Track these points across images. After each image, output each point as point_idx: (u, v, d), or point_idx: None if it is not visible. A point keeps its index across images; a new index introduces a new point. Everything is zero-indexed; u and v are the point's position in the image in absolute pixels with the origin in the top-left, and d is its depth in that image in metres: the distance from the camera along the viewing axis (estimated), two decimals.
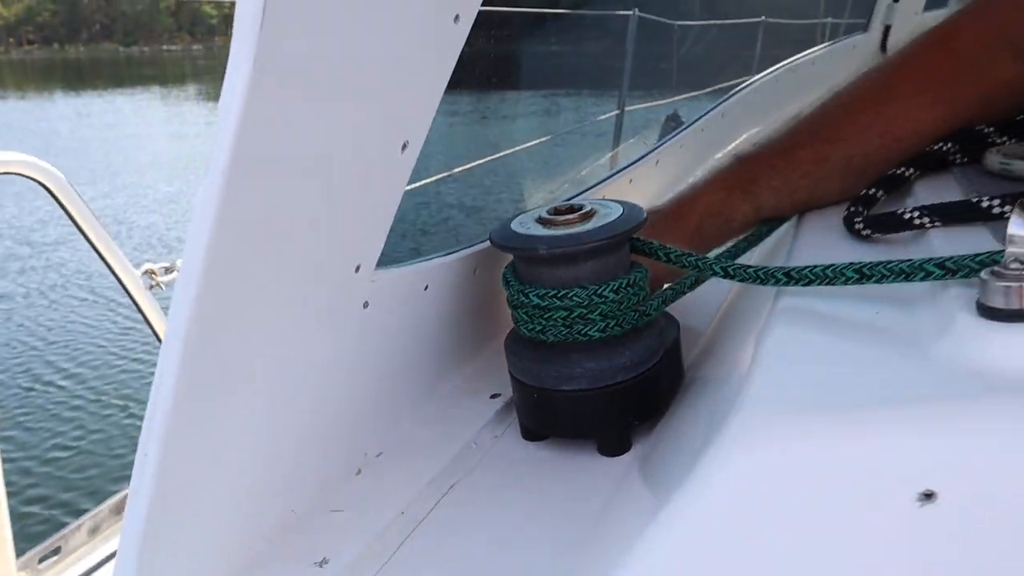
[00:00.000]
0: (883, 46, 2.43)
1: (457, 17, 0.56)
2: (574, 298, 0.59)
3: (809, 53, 2.20)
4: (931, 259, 0.48)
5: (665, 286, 0.68)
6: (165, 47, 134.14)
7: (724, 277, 0.62)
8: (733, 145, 1.61)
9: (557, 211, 0.63)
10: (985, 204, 0.61)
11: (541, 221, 0.63)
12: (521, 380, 0.64)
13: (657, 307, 0.65)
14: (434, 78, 0.57)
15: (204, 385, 0.45)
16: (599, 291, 0.60)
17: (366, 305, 0.58)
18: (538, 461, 0.63)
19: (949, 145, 0.86)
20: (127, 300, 1.44)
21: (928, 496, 0.35)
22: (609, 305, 0.60)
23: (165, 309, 1.50)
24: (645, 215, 0.63)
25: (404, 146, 0.55)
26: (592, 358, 0.60)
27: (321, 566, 0.52)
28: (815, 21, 3.19)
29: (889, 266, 0.50)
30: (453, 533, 0.55)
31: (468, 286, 0.72)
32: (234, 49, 0.40)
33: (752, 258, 0.85)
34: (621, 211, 0.63)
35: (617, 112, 3.18)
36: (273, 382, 0.52)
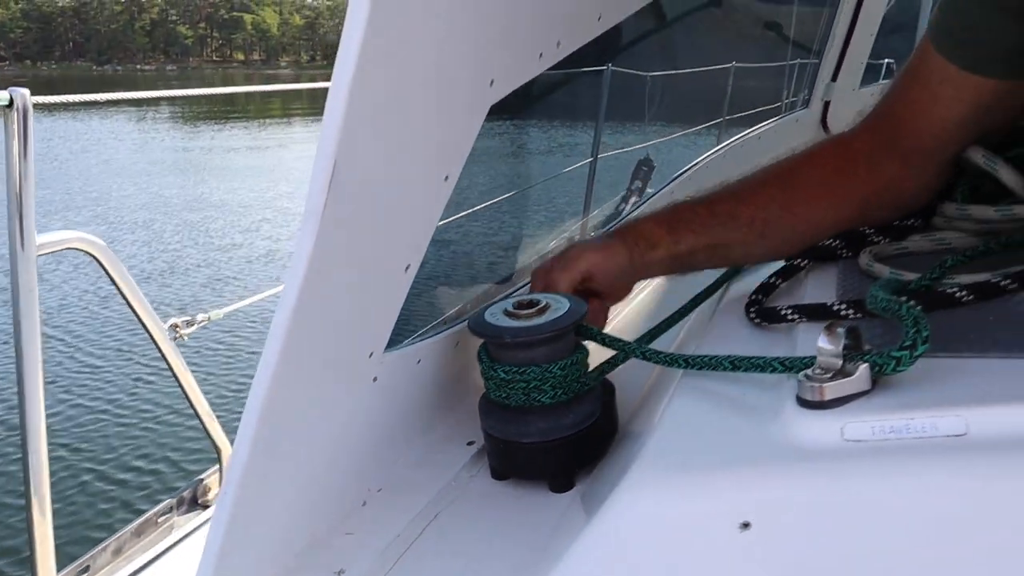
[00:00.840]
0: (823, 120, 2.68)
1: (493, 82, 0.76)
2: (530, 374, 0.80)
3: (755, 129, 2.44)
4: (777, 358, 0.70)
5: (601, 361, 0.89)
6: (139, 66, 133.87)
7: (643, 359, 0.83)
8: None
9: (519, 305, 0.84)
10: (835, 307, 0.83)
11: (507, 313, 0.84)
12: (490, 433, 0.84)
13: (595, 379, 0.86)
14: (440, 192, 0.78)
15: (268, 439, 0.66)
16: (550, 368, 0.81)
17: (375, 380, 0.79)
18: (503, 496, 0.83)
19: (837, 241, 1.08)
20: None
21: (746, 526, 0.56)
22: (557, 379, 0.81)
23: (185, 357, 1.73)
24: (586, 309, 0.84)
25: (407, 268, 0.76)
26: (544, 419, 0.81)
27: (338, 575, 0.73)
28: (782, 63, 3.38)
29: (751, 360, 0.72)
30: (438, 553, 0.75)
31: (451, 359, 0.93)
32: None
33: (680, 333, 1.07)
34: (568, 306, 0.84)
35: (591, 159, 3.40)
36: (308, 436, 0.72)
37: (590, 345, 0.88)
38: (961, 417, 0.58)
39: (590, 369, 0.87)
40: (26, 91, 1.23)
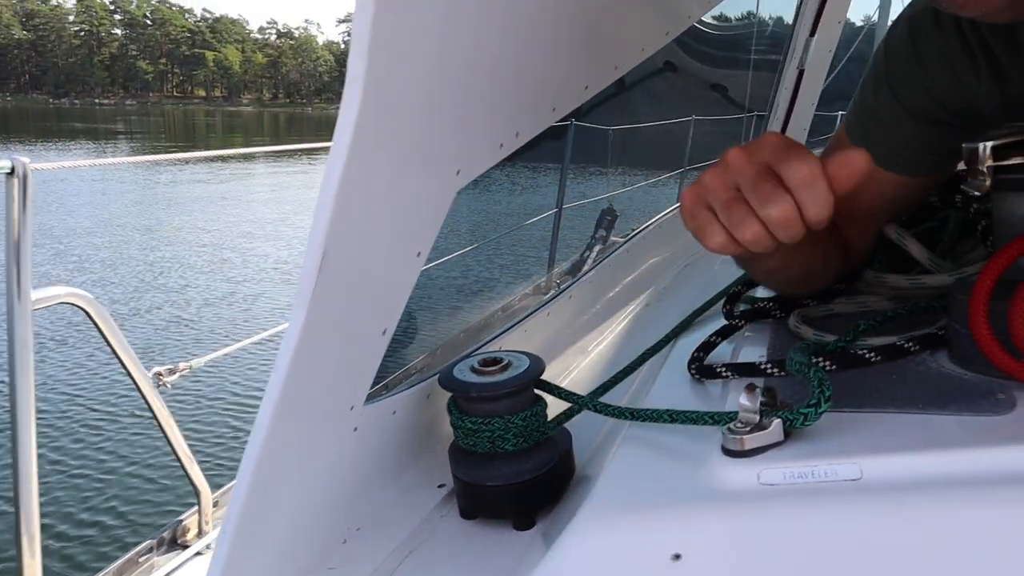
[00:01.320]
0: None
1: (459, 172, 0.88)
2: (495, 424, 0.91)
3: None
4: (708, 412, 0.82)
5: (559, 412, 1.01)
6: (97, 100, 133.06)
7: (594, 411, 0.95)
8: (636, 275, 1.98)
9: (484, 363, 0.95)
10: (762, 366, 0.96)
11: (474, 370, 0.94)
12: (459, 477, 0.95)
13: (553, 428, 0.97)
14: (414, 266, 0.89)
15: (263, 482, 0.75)
16: (512, 420, 0.91)
17: (356, 429, 0.90)
18: (471, 534, 0.93)
19: (772, 303, 1.21)
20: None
21: (677, 557, 0.67)
22: (519, 429, 0.92)
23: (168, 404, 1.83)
24: (543, 366, 0.96)
25: (384, 332, 0.87)
26: (507, 464, 0.92)
27: None
28: (740, 115, 3.51)
29: (686, 413, 0.84)
30: None
31: (423, 410, 1.04)
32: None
33: (632, 385, 1.18)
34: (528, 363, 0.95)
35: (556, 210, 3.53)
36: (297, 479, 0.82)
37: (549, 397, 0.99)
38: (856, 464, 0.70)
39: (549, 419, 0.98)
40: (27, 159, 1.33)
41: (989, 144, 0.84)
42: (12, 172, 1.32)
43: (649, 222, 2.20)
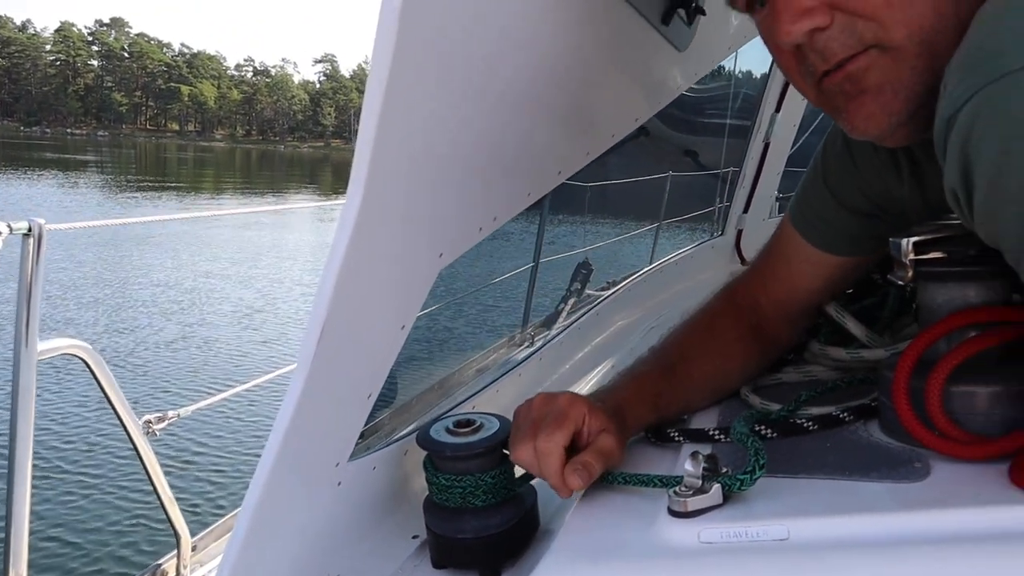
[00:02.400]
0: (737, 247, 3.02)
1: (441, 254, 0.99)
2: (466, 481, 1.01)
3: (676, 255, 2.73)
4: (658, 475, 0.92)
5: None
6: (69, 130, 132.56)
7: None
8: (604, 336, 2.09)
9: (458, 424, 1.05)
10: (711, 432, 1.06)
11: (448, 431, 1.04)
12: (432, 529, 1.04)
13: (520, 485, 1.07)
14: (398, 337, 0.99)
15: (258, 530, 0.84)
16: (482, 477, 1.01)
17: (339, 484, 0.99)
18: None
19: None
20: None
21: None
22: (488, 486, 1.01)
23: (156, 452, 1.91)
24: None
25: (369, 396, 0.97)
26: (476, 518, 1.01)
27: None
28: (717, 171, 3.59)
29: (639, 476, 0.94)
30: None
31: (401, 466, 1.14)
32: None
33: None
34: (498, 425, 1.05)
35: (532, 264, 3.62)
36: (287, 528, 0.91)
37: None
38: (785, 526, 0.81)
39: (517, 477, 1.07)
40: (42, 220, 1.43)
41: (911, 240, 0.96)
42: (29, 232, 1.43)
43: (617, 287, 2.32)
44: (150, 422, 1.92)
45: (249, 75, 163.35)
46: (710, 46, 1.72)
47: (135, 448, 1.88)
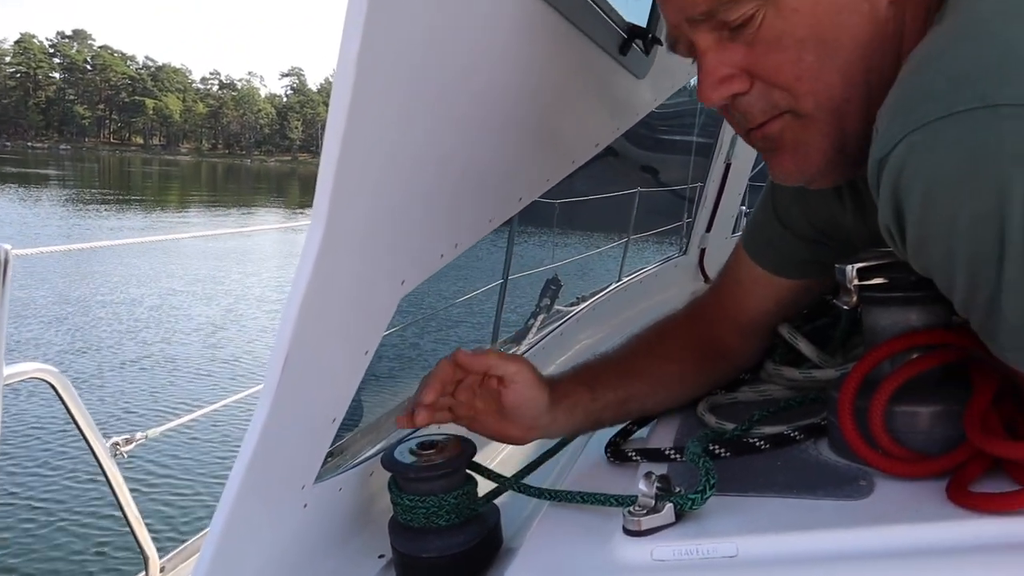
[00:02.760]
0: (700, 265, 3.08)
1: (403, 281, 1.02)
2: (430, 502, 1.04)
3: (639, 273, 2.78)
4: (613, 495, 0.96)
5: (488, 491, 1.13)
6: (30, 144, 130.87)
7: (517, 492, 1.08)
8: (568, 355, 2.13)
9: (422, 446, 1.08)
10: (667, 451, 1.10)
11: (412, 452, 1.07)
12: (397, 548, 1.07)
13: (482, 505, 1.10)
14: (362, 362, 1.02)
15: (225, 552, 0.87)
16: (445, 498, 1.04)
17: (306, 506, 1.01)
18: None
19: None
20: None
21: None
22: (451, 506, 1.04)
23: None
24: (475, 450, 1.09)
25: (333, 420, 1.00)
26: (440, 538, 1.04)
27: None
28: (684, 187, 3.66)
29: (595, 495, 0.98)
30: None
31: (366, 486, 1.16)
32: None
33: (556, 466, 1.31)
34: (461, 447, 1.08)
35: (501, 281, 3.65)
36: (255, 549, 0.94)
37: (479, 477, 1.12)
38: (734, 543, 0.85)
39: (480, 497, 1.10)
40: (8, 246, 1.44)
41: (855, 266, 1.01)
42: None
43: (581, 306, 2.36)
44: (117, 444, 1.93)
45: (215, 88, 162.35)
46: (669, 73, 1.77)
47: (102, 470, 1.89)
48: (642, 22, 1.40)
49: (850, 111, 0.88)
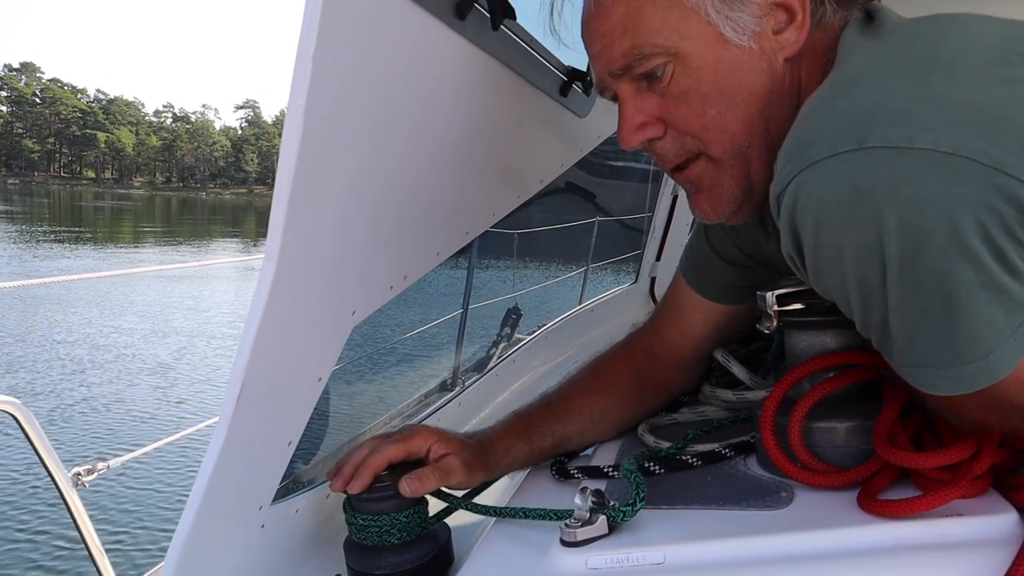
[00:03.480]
0: (652, 293, 3.19)
1: (354, 312, 1.09)
2: (382, 521, 1.10)
3: (592, 302, 2.88)
4: (554, 509, 1.03)
5: (438, 510, 1.20)
6: None
7: (466, 510, 1.15)
8: (522, 381, 2.21)
9: (379, 480, 1.14)
10: (605, 469, 1.18)
11: None
12: (352, 567, 1.13)
13: (434, 523, 1.16)
14: (316, 389, 1.09)
15: (185, 572, 0.93)
16: (397, 517, 1.11)
17: (263, 527, 1.07)
18: None
19: None
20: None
21: None
22: (403, 525, 1.11)
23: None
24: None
25: (289, 444, 1.06)
26: (393, 555, 1.11)
27: None
28: (640, 215, 3.73)
29: (536, 510, 1.05)
30: None
31: (322, 508, 1.23)
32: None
33: (506, 484, 1.38)
34: (413, 468, 1.15)
35: (461, 310, 3.70)
36: (212, 571, 1.00)
37: (431, 497, 1.19)
38: (661, 551, 0.92)
39: (431, 515, 1.17)
40: None
41: (775, 293, 1.10)
42: None
43: (534, 334, 2.44)
44: (79, 474, 1.97)
45: (169, 121, 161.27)
46: (612, 111, 1.87)
47: (64, 500, 1.92)
48: (582, 65, 1.49)
49: (753, 156, 0.99)
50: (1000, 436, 0.96)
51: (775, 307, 1.10)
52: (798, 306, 1.10)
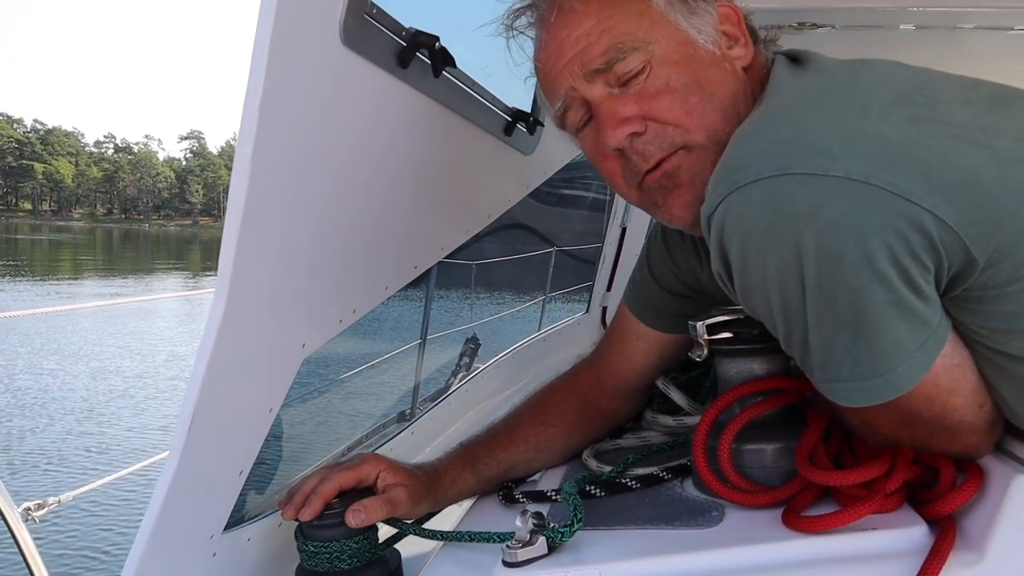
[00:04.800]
0: (603, 322, 3.28)
1: (304, 345, 1.15)
2: (333, 547, 1.16)
3: (545, 331, 2.96)
4: (497, 532, 1.10)
5: (388, 536, 1.26)
6: None
7: (415, 535, 1.21)
8: (475, 411, 2.28)
9: (329, 507, 1.20)
10: (548, 493, 1.25)
11: None
12: None
13: (383, 549, 1.22)
14: (267, 419, 1.15)
15: None
16: (347, 543, 1.17)
17: (214, 555, 1.13)
18: None
19: None
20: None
21: None
22: (353, 550, 1.17)
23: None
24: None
25: (240, 472, 1.12)
26: None
27: None
28: (597, 245, 3.79)
29: (481, 533, 1.12)
30: None
31: (274, 536, 1.28)
32: None
33: (457, 509, 1.45)
34: (362, 495, 1.21)
35: (419, 341, 3.71)
36: None
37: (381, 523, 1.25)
38: (597, 569, 1.00)
39: (381, 541, 1.23)
40: None
41: (705, 323, 1.19)
42: None
43: (487, 364, 2.51)
44: (29, 509, 1.98)
45: (110, 152, 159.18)
46: (557, 147, 1.97)
47: (13, 537, 1.93)
48: (526, 106, 1.59)
49: None
50: (913, 454, 1.05)
51: (705, 336, 1.18)
52: (727, 335, 1.18)
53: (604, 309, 3.32)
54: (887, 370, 0.90)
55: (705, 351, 1.19)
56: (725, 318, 1.19)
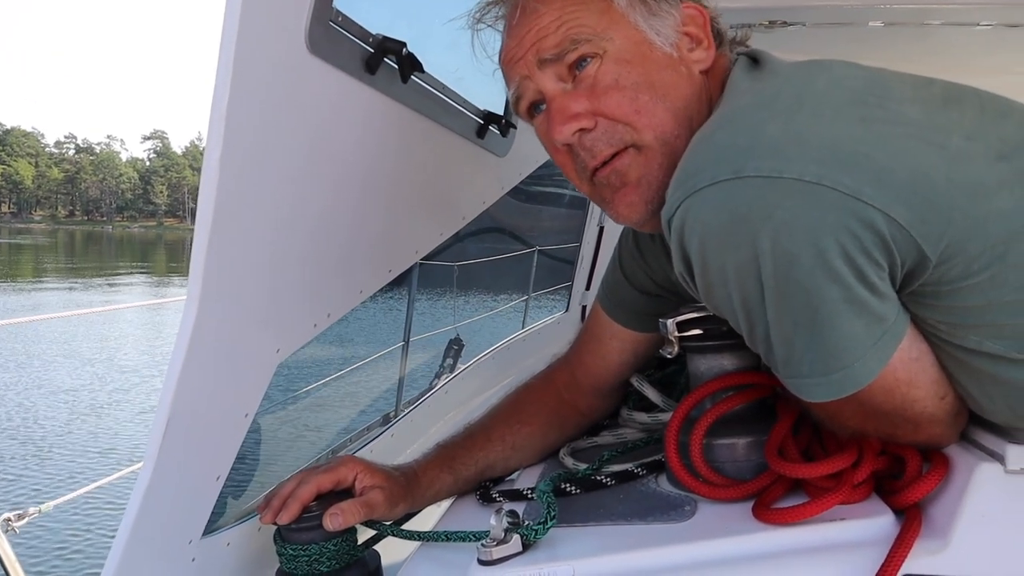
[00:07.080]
0: (583, 321, 3.33)
1: (279, 350, 1.19)
2: (312, 550, 1.20)
3: (525, 331, 3.01)
4: (473, 531, 1.15)
5: (367, 537, 1.31)
6: None
7: (393, 536, 1.26)
8: (455, 411, 2.32)
9: (307, 510, 1.24)
10: (524, 492, 1.30)
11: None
12: None
13: (363, 551, 1.27)
14: (243, 425, 1.19)
15: None
16: (326, 545, 1.21)
17: (193, 560, 1.17)
18: None
19: None
20: None
21: None
22: (332, 553, 1.21)
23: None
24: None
25: (217, 478, 1.16)
26: None
27: None
28: (577, 245, 3.84)
29: (457, 532, 1.17)
30: None
31: (253, 540, 1.32)
32: None
33: (436, 510, 1.49)
34: (341, 497, 1.25)
35: (402, 343, 3.72)
36: None
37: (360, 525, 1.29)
38: (570, 566, 1.04)
39: (360, 542, 1.28)
40: None
41: (675, 320, 1.24)
42: None
43: (467, 365, 2.56)
44: (9, 520, 2.00)
45: (71, 152, 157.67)
46: (531, 149, 2.01)
47: None
48: (498, 109, 1.63)
49: (679, 147, 1.07)
50: (880, 445, 1.10)
51: (676, 333, 1.23)
52: (697, 331, 1.23)
53: (584, 308, 3.37)
54: (844, 365, 0.95)
55: (676, 348, 1.24)
56: (695, 315, 1.24)
